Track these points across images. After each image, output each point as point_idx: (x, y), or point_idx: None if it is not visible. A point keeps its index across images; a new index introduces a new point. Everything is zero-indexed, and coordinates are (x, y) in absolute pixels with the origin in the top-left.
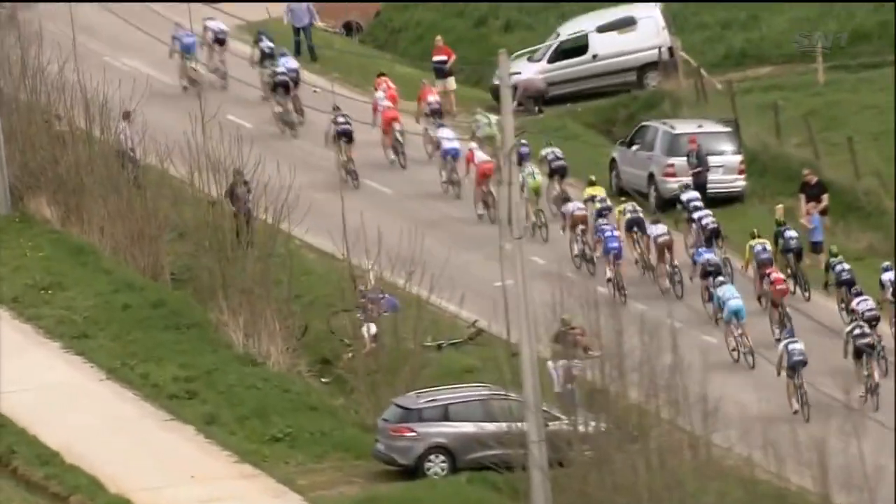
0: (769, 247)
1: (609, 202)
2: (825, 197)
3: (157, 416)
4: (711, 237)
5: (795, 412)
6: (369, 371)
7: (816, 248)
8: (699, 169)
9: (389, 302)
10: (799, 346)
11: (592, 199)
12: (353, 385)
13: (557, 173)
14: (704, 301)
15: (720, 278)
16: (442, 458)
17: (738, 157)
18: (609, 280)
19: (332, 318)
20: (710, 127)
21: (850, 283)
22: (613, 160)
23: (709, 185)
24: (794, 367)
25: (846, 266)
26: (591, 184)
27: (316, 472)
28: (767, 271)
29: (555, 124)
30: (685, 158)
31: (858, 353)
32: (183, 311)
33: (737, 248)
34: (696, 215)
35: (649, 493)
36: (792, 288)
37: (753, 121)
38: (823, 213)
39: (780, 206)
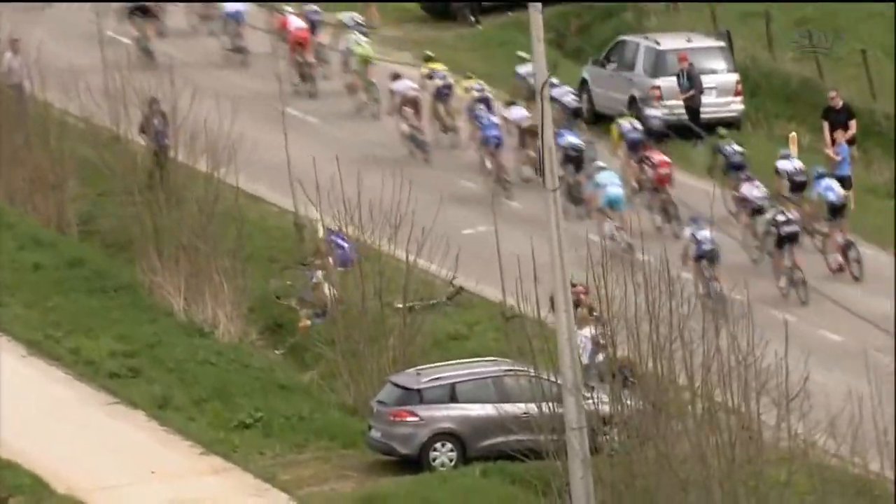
0: (639, 125)
1: (451, 80)
2: (853, 123)
3: (97, 399)
4: (573, 116)
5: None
6: (330, 340)
7: (845, 183)
8: (691, 92)
9: (346, 255)
10: (707, 233)
11: (431, 76)
12: (325, 357)
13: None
14: (567, 192)
15: (598, 163)
16: (450, 446)
17: (734, 77)
18: (491, 174)
19: (281, 276)
20: (701, 41)
21: (740, 167)
22: (584, 81)
23: (702, 110)
24: (704, 257)
25: (737, 148)
26: (430, 59)
27: (299, 464)
28: (647, 153)
29: (499, 37)
30: (674, 79)
31: (780, 243)
32: (106, 270)
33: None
34: (553, 92)
35: (708, 483)
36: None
37: (739, 32)
38: (851, 142)
39: (794, 134)
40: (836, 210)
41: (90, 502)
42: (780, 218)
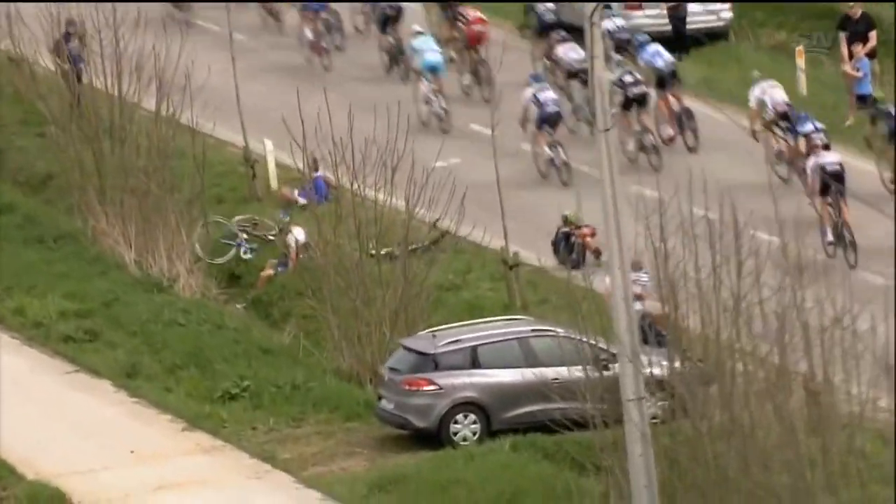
0: None
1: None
2: (873, 35)
3: (52, 367)
4: None
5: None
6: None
7: (866, 101)
8: None
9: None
10: (551, 95)
11: None
12: (296, 314)
13: None
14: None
15: (416, 27)
16: (472, 417)
17: None
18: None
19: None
20: None
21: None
22: None
23: (688, 20)
24: (547, 121)
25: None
26: None
27: (298, 440)
28: (459, 10)
29: None
30: None
31: (628, 104)
32: (40, 217)
33: (734, 101)
34: None
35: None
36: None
37: None
38: (871, 55)
39: (801, 47)
40: (665, 78)
41: (65, 489)
42: (628, 79)
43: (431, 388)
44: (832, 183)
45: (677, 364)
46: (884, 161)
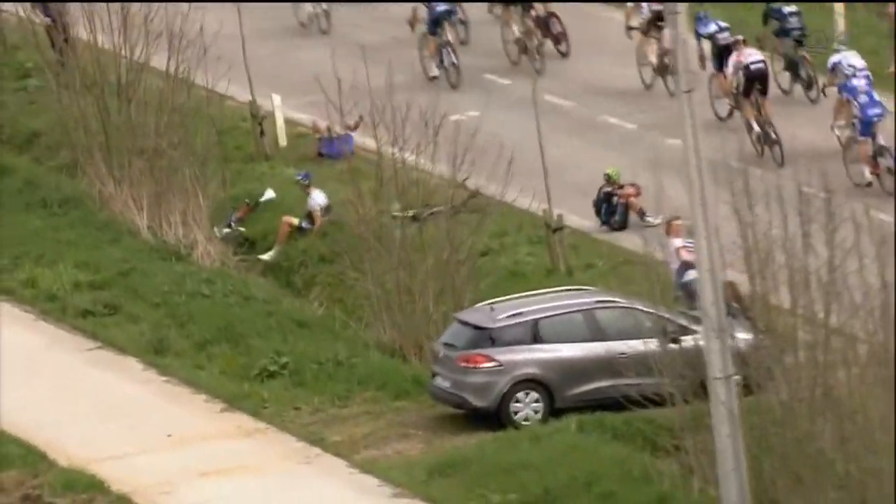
0: None
1: None
2: None
3: (72, 343)
4: None
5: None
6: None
7: None
8: None
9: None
10: None
11: None
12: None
13: None
14: None
15: None
16: (534, 395)
17: None
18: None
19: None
20: None
21: None
22: None
23: None
24: (437, 23)
25: None
26: None
27: (346, 421)
28: None
29: None
30: None
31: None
32: (42, 180)
33: None
34: None
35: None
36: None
37: None
38: None
39: None
40: None
41: (102, 476)
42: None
43: (491, 364)
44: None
45: (761, 337)
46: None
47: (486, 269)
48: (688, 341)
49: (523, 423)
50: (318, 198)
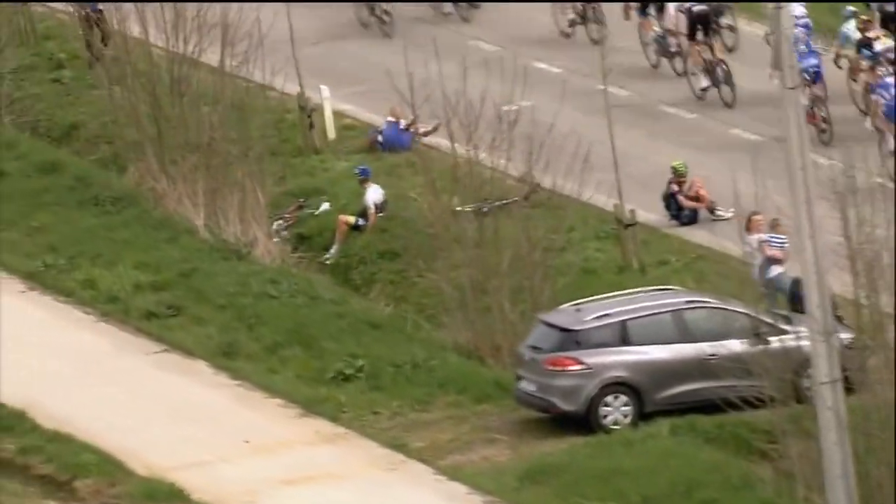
0: None
1: None
2: None
3: (137, 346)
4: None
5: None
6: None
7: None
8: None
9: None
10: None
11: None
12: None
13: None
14: None
15: None
16: (623, 399)
17: None
18: None
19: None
20: None
21: None
22: None
23: None
24: None
25: None
26: None
27: (429, 426)
28: None
29: None
30: None
31: None
32: (91, 177)
33: None
34: None
35: None
36: None
37: None
38: None
39: None
40: None
41: (182, 485)
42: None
43: (579, 367)
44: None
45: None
46: None
47: (557, 266)
48: (780, 341)
49: (612, 427)
50: (374, 193)
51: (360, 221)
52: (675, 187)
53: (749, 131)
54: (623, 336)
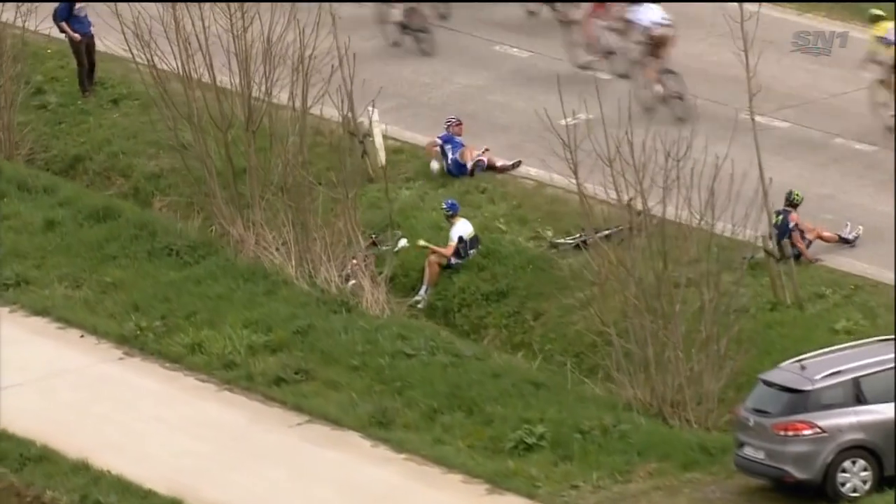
0: None
1: None
2: None
3: (276, 417)
4: None
5: None
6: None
7: None
8: None
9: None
10: None
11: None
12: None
13: None
14: None
15: None
16: (862, 464)
17: None
18: None
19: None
20: None
21: None
22: None
23: None
24: None
25: None
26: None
27: (638, 499)
28: None
29: None
30: None
31: None
32: (151, 223)
33: None
34: None
35: None
36: None
37: None
38: None
39: None
40: None
41: None
42: None
43: (812, 431)
44: None
45: None
46: None
47: (691, 301)
48: None
49: (851, 495)
50: (462, 227)
51: (453, 261)
52: (792, 220)
53: None
54: (857, 394)
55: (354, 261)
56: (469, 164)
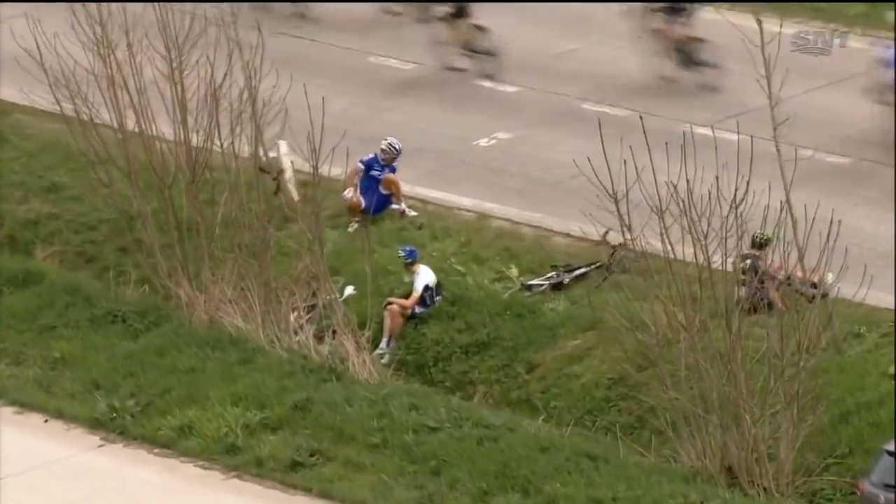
0: None
1: None
2: None
3: None
4: None
5: None
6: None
7: None
8: None
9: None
10: None
11: None
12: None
13: None
14: None
15: None
16: None
17: None
18: None
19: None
20: None
21: None
22: None
23: None
24: None
25: None
26: None
27: None
28: None
29: None
30: None
31: None
32: (83, 289)
33: None
34: None
35: None
36: None
37: None
38: None
39: None
40: None
41: None
42: None
43: None
44: None
45: None
46: None
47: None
48: None
49: None
50: (427, 276)
51: (418, 310)
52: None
53: None
54: None
55: (295, 313)
56: (395, 203)
